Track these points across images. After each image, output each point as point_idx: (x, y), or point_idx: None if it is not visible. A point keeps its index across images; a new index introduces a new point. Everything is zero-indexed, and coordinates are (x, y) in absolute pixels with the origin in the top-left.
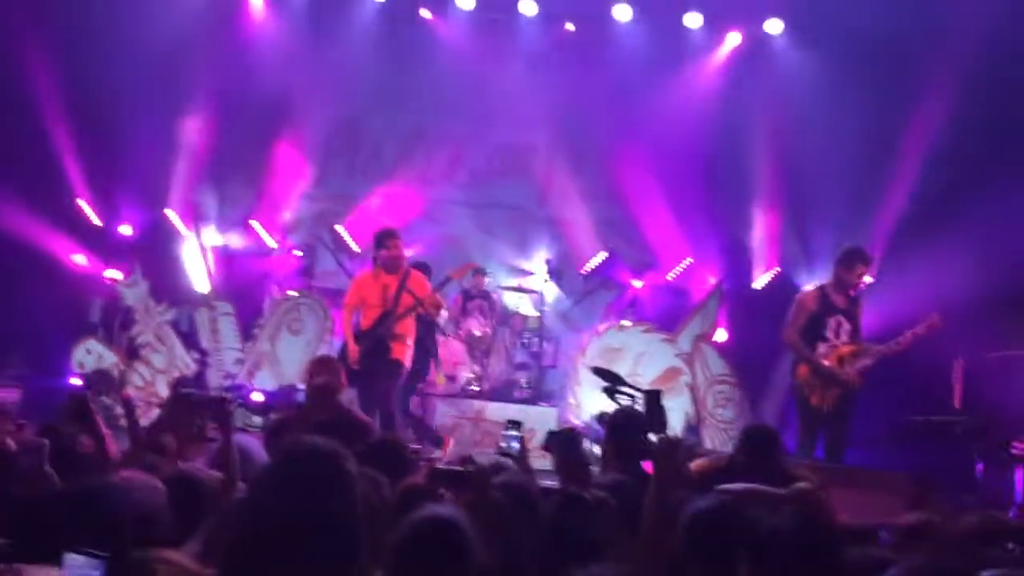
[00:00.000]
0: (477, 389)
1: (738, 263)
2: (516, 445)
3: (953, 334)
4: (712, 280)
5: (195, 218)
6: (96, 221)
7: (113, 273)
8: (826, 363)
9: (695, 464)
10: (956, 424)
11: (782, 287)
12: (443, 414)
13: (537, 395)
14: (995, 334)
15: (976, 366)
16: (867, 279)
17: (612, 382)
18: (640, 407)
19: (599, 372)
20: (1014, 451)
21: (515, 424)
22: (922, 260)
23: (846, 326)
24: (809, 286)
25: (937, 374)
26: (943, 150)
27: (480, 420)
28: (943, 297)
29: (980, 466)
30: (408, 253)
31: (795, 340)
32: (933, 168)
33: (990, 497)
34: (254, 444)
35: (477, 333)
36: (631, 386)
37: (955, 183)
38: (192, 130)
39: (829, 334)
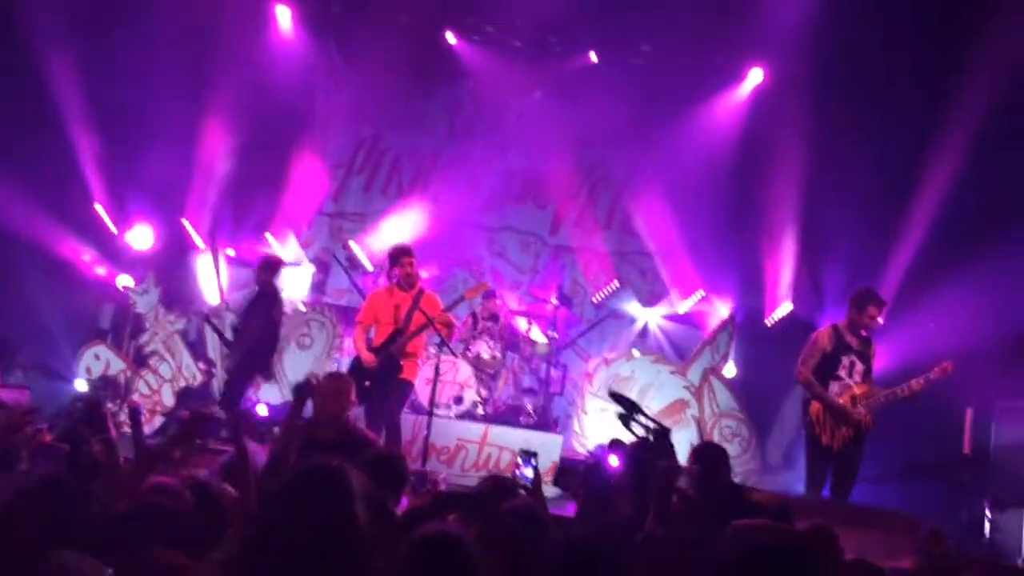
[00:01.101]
0: (482, 412)
1: (751, 298)
2: (530, 475)
3: (966, 380)
4: (724, 314)
5: (210, 229)
6: (112, 228)
7: (125, 280)
8: (839, 402)
9: None
10: (965, 470)
11: (794, 324)
12: (447, 435)
13: (543, 422)
14: (1009, 382)
15: (987, 414)
16: (879, 320)
17: (629, 410)
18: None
19: (616, 398)
20: None
21: (530, 454)
22: (935, 304)
23: (859, 366)
24: (824, 325)
25: (949, 419)
26: (958, 196)
27: (484, 444)
28: (956, 342)
29: (988, 514)
30: (423, 274)
31: (808, 378)
32: (948, 214)
33: (997, 545)
34: (260, 456)
35: (485, 356)
36: (648, 416)
37: (969, 229)
38: (212, 141)
39: (842, 373)
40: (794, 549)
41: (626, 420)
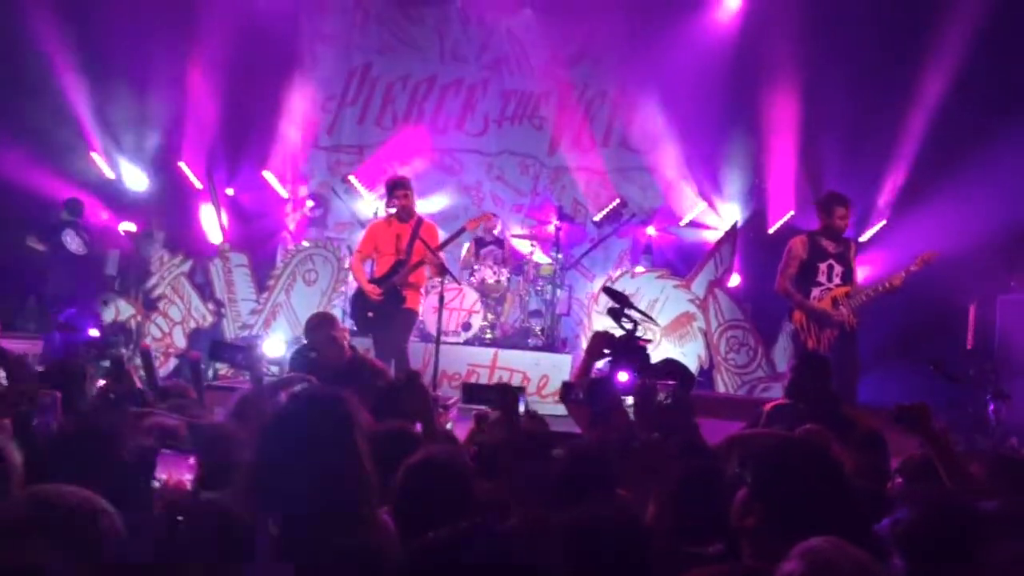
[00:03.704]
0: (491, 337)
1: (753, 208)
2: (520, 410)
3: (969, 276)
4: (726, 225)
5: (207, 169)
6: (109, 174)
7: (127, 226)
8: (817, 305)
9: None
10: (969, 365)
11: (797, 231)
12: (457, 361)
13: (551, 342)
14: (1011, 276)
15: (991, 308)
16: (847, 220)
17: (620, 304)
18: (641, 332)
19: (609, 292)
20: None
21: (518, 391)
22: (938, 202)
23: (838, 269)
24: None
25: (953, 316)
26: (960, 91)
27: (495, 368)
28: (959, 238)
29: (992, 407)
30: (429, 209)
31: (786, 288)
32: (950, 111)
33: (1001, 436)
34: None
35: (490, 280)
36: (639, 311)
37: (971, 125)
38: (202, 81)
39: (821, 279)
40: (785, 453)
41: (616, 314)
